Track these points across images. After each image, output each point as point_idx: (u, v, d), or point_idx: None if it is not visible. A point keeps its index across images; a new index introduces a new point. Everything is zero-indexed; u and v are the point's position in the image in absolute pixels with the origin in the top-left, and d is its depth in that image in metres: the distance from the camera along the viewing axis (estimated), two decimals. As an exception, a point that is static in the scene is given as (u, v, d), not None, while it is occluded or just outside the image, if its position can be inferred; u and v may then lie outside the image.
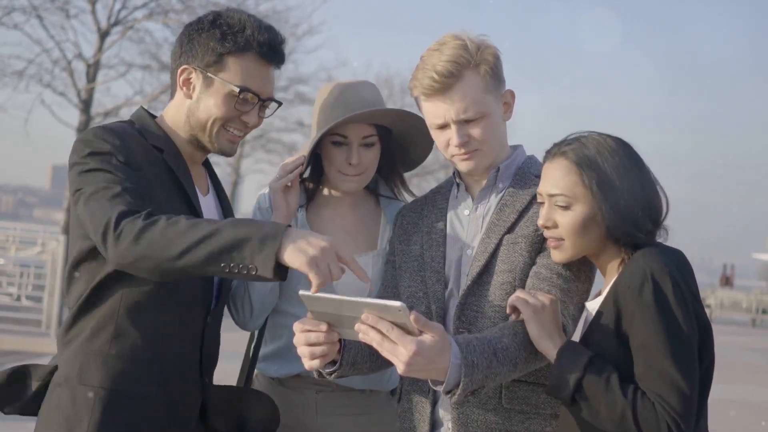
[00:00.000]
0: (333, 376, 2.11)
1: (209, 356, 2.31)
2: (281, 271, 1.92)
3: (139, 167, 2.12)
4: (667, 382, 1.89)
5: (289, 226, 2.05)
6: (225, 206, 2.44)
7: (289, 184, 2.52)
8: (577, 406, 1.96)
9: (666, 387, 1.89)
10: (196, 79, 2.24)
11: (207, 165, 2.44)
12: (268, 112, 2.34)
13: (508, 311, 2.09)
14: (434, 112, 2.24)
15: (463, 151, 2.23)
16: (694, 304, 1.95)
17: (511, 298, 2.07)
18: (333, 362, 2.09)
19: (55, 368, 2.20)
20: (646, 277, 1.94)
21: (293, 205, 2.53)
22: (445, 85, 2.18)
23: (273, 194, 2.53)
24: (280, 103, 2.36)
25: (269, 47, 2.23)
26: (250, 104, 2.24)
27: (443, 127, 2.24)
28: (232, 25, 2.21)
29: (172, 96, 2.32)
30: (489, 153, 2.26)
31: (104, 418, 2.09)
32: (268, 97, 2.28)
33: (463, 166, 2.28)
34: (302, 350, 1.98)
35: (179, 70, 2.25)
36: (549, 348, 2.01)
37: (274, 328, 2.62)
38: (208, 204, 2.35)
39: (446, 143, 2.25)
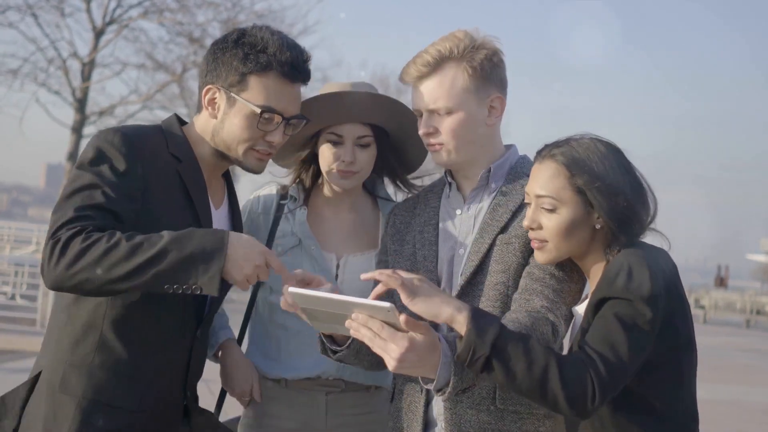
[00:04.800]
0: (336, 355, 2.13)
1: (195, 371, 2.29)
2: (224, 285, 2.04)
3: (140, 177, 2.10)
4: (608, 344, 1.87)
5: (228, 231, 2.07)
6: (236, 221, 2.41)
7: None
8: (490, 372, 1.86)
9: (606, 348, 1.87)
10: (221, 99, 2.22)
11: (226, 176, 2.42)
12: (295, 129, 2.30)
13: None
14: (413, 98, 2.29)
15: (428, 141, 2.26)
16: (671, 288, 1.94)
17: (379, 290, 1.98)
18: (338, 345, 2.12)
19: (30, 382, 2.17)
20: (623, 267, 1.94)
21: None
22: (422, 73, 2.24)
23: None
24: (307, 120, 2.32)
25: (291, 66, 2.20)
26: (274, 124, 2.22)
27: (419, 114, 2.29)
28: (255, 44, 2.19)
29: (198, 111, 2.29)
30: (455, 150, 2.25)
31: (83, 428, 2.08)
32: (293, 115, 2.26)
33: (432, 157, 2.32)
34: None
35: (204, 90, 2.24)
36: (452, 313, 1.88)
37: (278, 331, 2.62)
38: (219, 217, 2.32)
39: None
